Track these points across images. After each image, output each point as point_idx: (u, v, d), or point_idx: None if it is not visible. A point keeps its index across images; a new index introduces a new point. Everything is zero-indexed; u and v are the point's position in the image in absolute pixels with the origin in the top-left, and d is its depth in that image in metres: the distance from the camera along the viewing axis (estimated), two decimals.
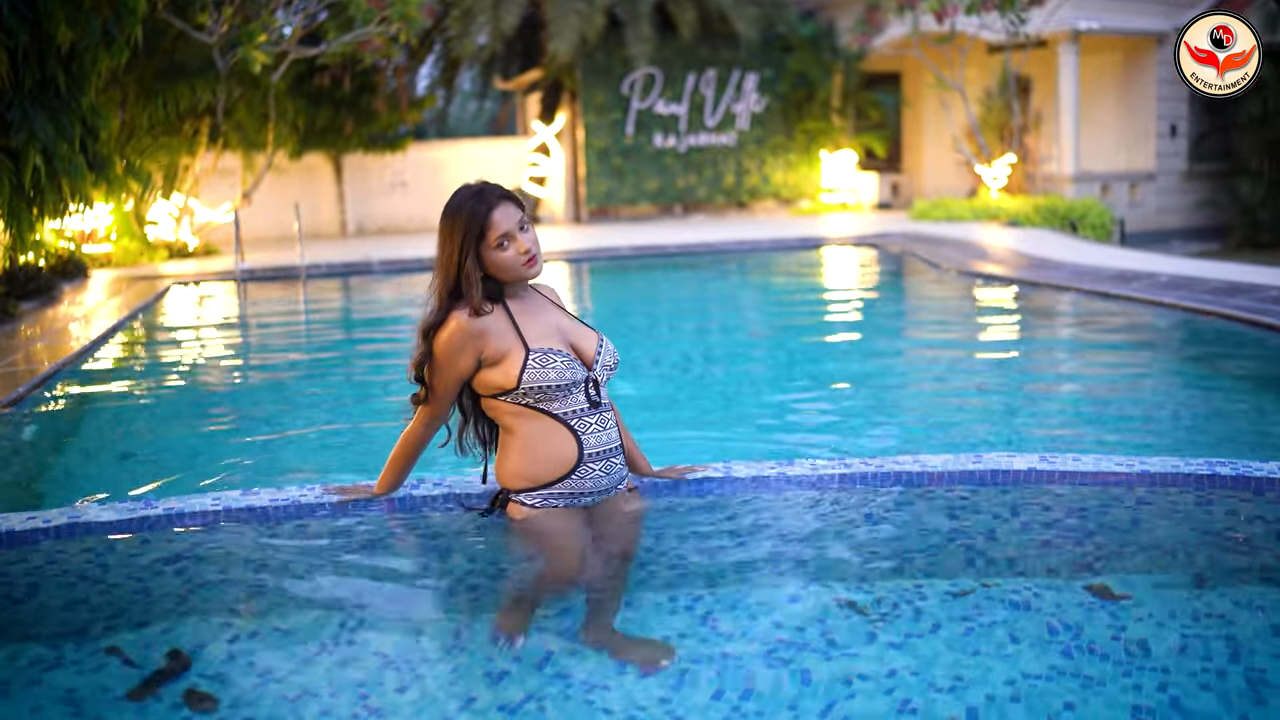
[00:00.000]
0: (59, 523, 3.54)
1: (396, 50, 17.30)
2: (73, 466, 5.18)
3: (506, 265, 3.26)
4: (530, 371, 3.23)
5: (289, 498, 3.67)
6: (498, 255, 3.25)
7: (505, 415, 3.29)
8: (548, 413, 3.27)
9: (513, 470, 3.30)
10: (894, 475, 3.74)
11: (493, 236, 3.23)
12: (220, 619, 3.01)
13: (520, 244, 3.25)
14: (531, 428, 3.28)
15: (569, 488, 3.30)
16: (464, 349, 3.25)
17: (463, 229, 3.25)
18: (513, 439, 3.29)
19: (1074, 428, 5.22)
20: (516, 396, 3.25)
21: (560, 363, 3.26)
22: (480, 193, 3.27)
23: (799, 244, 15.80)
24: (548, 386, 3.24)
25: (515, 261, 3.25)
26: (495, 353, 3.26)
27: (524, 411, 3.27)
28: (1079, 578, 3.12)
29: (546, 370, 3.24)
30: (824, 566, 3.20)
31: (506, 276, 3.28)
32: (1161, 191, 20.65)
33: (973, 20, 17.94)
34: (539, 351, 3.26)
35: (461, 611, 3.06)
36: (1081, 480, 3.69)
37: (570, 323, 3.44)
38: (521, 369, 3.23)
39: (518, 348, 3.27)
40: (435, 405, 3.35)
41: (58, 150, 8.43)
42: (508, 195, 3.31)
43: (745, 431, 5.46)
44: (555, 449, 3.29)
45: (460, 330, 3.25)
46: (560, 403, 3.28)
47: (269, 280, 13.68)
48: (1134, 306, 8.61)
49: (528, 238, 3.27)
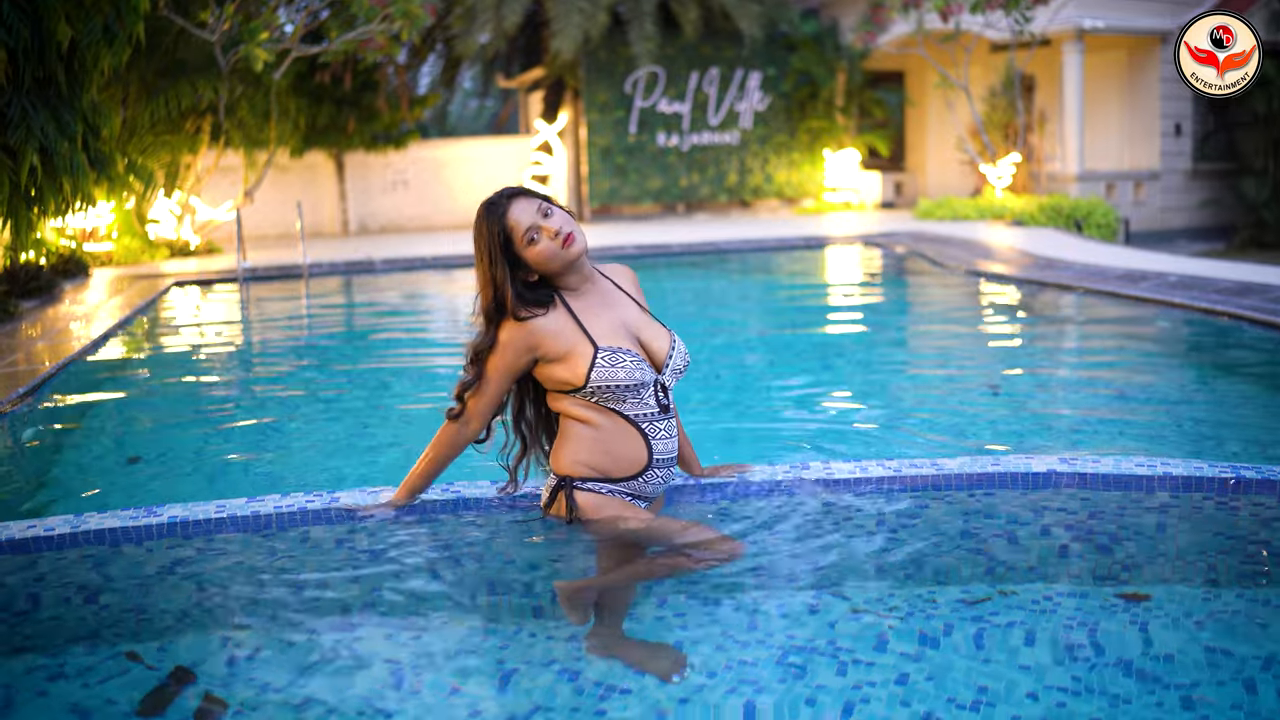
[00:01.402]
0: (61, 531, 3.47)
1: (398, 48, 17.22)
2: (74, 469, 5.11)
3: (547, 256, 3.18)
4: (599, 370, 3.17)
5: (294, 504, 3.61)
6: (533, 251, 3.18)
7: (575, 408, 3.24)
8: (619, 412, 3.22)
9: (582, 459, 3.23)
10: (911, 478, 3.67)
11: (518, 236, 3.17)
12: (226, 627, 2.94)
13: (548, 229, 3.18)
14: (605, 422, 3.22)
15: (632, 489, 3.27)
16: (520, 349, 3.20)
17: (488, 242, 3.19)
18: (584, 428, 3.23)
19: (1088, 429, 5.15)
20: (584, 394, 3.20)
21: (629, 362, 3.20)
22: (492, 203, 3.22)
23: (803, 243, 15.74)
24: (616, 386, 3.18)
25: (553, 249, 3.17)
26: (554, 351, 3.20)
27: (595, 408, 3.22)
28: (1102, 583, 3.05)
29: (615, 370, 3.18)
30: (839, 572, 3.13)
31: (555, 266, 3.20)
32: (1166, 191, 20.59)
33: (977, 19, 17.89)
34: (608, 350, 3.19)
35: (473, 616, 2.99)
36: (1102, 483, 3.63)
37: (642, 318, 3.37)
38: (590, 366, 3.17)
39: (583, 344, 3.20)
40: (477, 406, 3.29)
41: (58, 148, 8.36)
42: (519, 191, 3.24)
43: (754, 434, 5.40)
44: (629, 449, 3.24)
45: (511, 341, 3.19)
46: (630, 404, 3.23)
47: (271, 279, 13.62)
48: (1144, 307, 8.54)
49: (554, 220, 3.19)
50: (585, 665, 2.67)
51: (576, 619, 2.92)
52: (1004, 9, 17.15)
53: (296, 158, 20.23)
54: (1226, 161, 20.93)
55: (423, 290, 12.92)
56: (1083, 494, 3.57)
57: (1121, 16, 19.16)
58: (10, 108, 8.20)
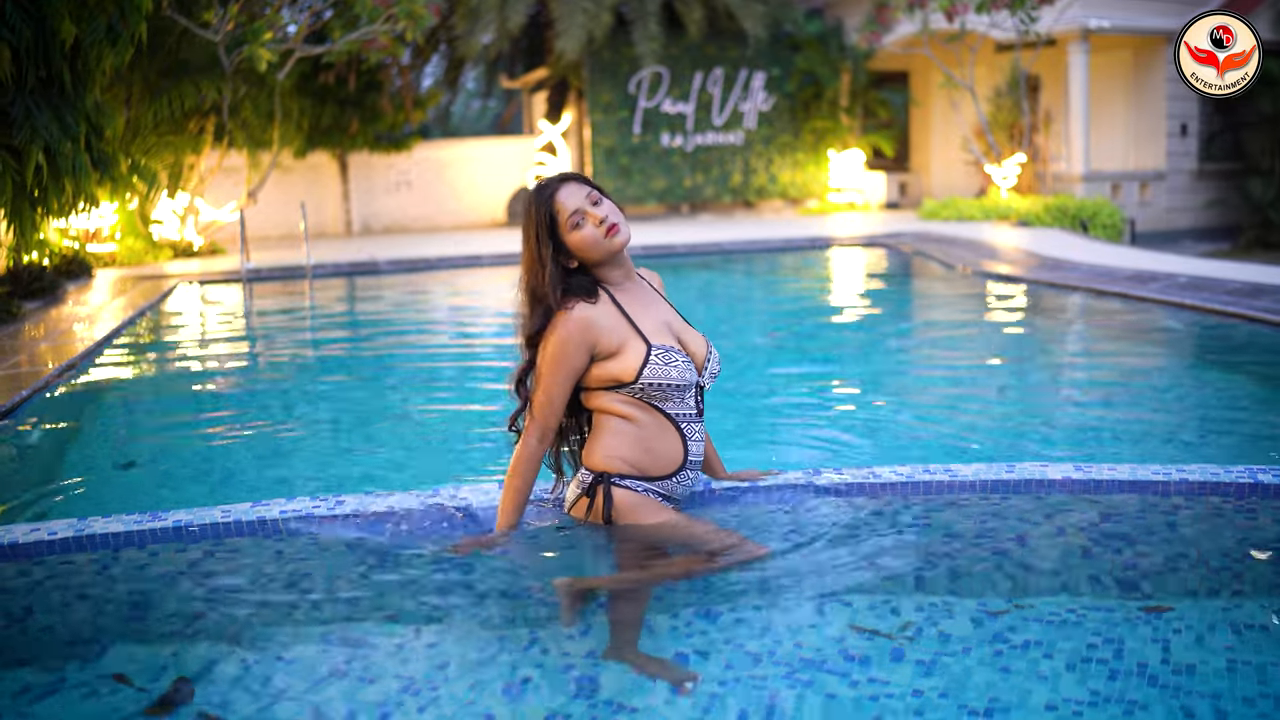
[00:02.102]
0: (65, 535, 3.43)
1: (402, 49, 17.19)
2: (77, 472, 5.07)
3: (590, 242, 3.14)
4: (652, 368, 3.14)
5: (301, 509, 3.56)
6: (576, 235, 3.14)
7: (616, 404, 3.19)
8: (661, 410, 3.19)
9: (623, 454, 3.19)
10: (924, 485, 3.62)
11: (564, 218, 3.13)
12: (231, 636, 2.89)
13: (594, 215, 3.14)
14: (647, 419, 3.19)
15: (665, 489, 3.24)
16: (580, 346, 3.14)
17: (534, 224, 3.15)
18: (625, 424, 3.19)
19: (1101, 433, 5.09)
20: (631, 390, 3.16)
21: (681, 363, 3.19)
22: (542, 185, 3.19)
23: (809, 244, 15.68)
24: (667, 385, 3.15)
25: (596, 236, 3.14)
26: (608, 346, 3.16)
27: (638, 404, 3.19)
28: (1120, 593, 3.00)
29: (669, 369, 3.16)
30: (850, 582, 3.07)
31: (595, 255, 3.17)
32: (1172, 191, 20.52)
33: (983, 19, 17.82)
34: (661, 349, 3.17)
35: (485, 627, 2.94)
36: (1118, 489, 3.58)
37: (680, 321, 3.35)
38: (643, 363, 3.14)
39: (635, 340, 3.17)
40: (547, 416, 3.20)
41: (61, 148, 8.32)
42: (571, 176, 3.21)
43: (764, 439, 5.35)
44: (668, 447, 3.22)
45: (572, 326, 3.12)
46: (673, 404, 3.20)
47: (275, 280, 13.57)
48: (1154, 308, 8.48)
49: (602, 209, 3.16)
50: (601, 670, 2.61)
51: (567, 619, 2.86)
52: (1009, 9, 17.09)
53: (300, 158, 20.20)
54: (1232, 161, 20.86)
55: (427, 291, 12.88)
56: (1096, 500, 3.52)
57: (1127, 16, 19.10)
58: (14, 107, 8.17)
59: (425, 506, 3.53)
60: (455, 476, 4.78)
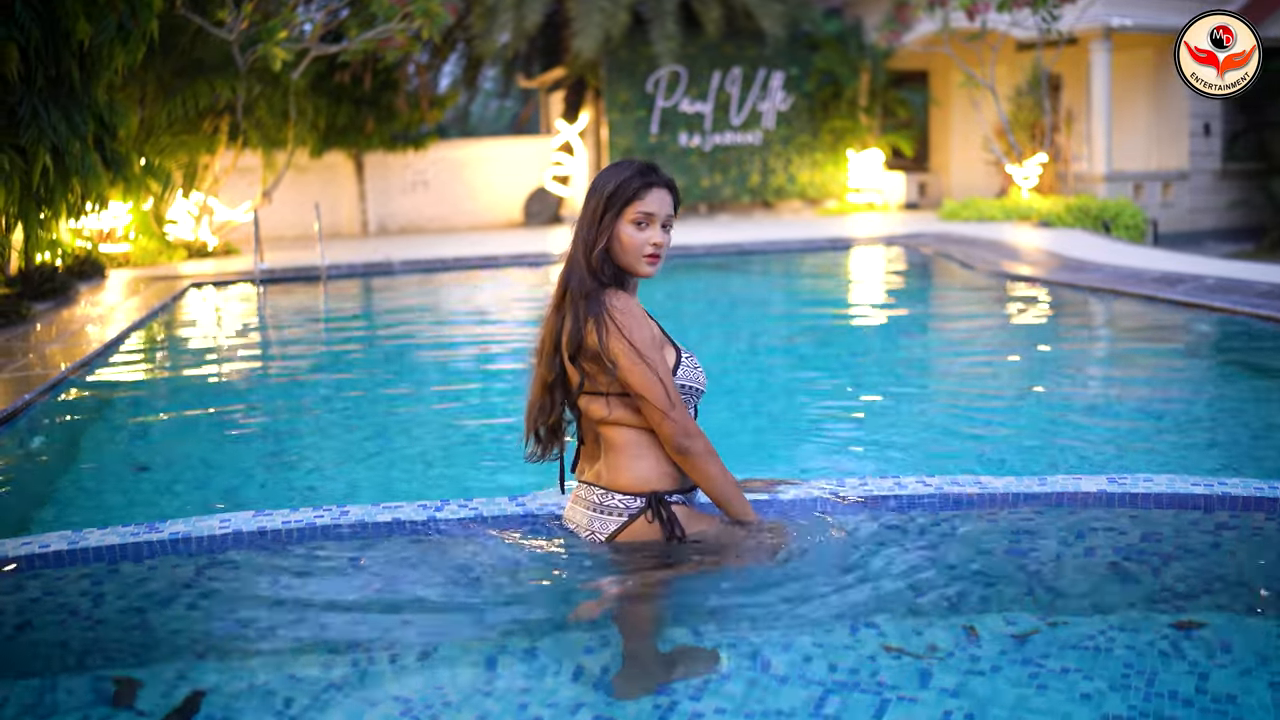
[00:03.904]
0: (58, 548, 3.31)
1: (419, 48, 17.09)
2: (81, 480, 4.95)
3: (633, 247, 3.02)
4: (684, 370, 3.04)
5: (303, 519, 3.44)
6: (629, 232, 3.01)
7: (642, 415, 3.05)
8: None
9: (666, 469, 3.06)
10: (954, 498, 3.47)
11: (637, 209, 3.01)
12: (230, 654, 2.76)
13: (656, 234, 3.03)
14: None
15: (687, 499, 3.15)
16: (646, 319, 3.03)
17: (615, 188, 3.01)
18: (653, 437, 3.05)
19: (1132, 443, 4.92)
20: None
21: (700, 368, 3.12)
22: (648, 167, 3.05)
23: (828, 245, 15.52)
24: (695, 388, 3.07)
25: (641, 248, 3.02)
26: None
27: None
28: (1156, 612, 2.84)
29: (697, 372, 3.09)
30: (877, 600, 2.92)
31: (625, 259, 3.04)
32: (1195, 191, 20.28)
33: (1004, 17, 17.64)
34: (688, 352, 3.10)
35: (491, 648, 2.79)
36: (1155, 503, 3.42)
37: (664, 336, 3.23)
38: (676, 365, 3.03)
39: (666, 344, 3.10)
40: (681, 405, 2.98)
41: (69, 148, 8.22)
42: (672, 184, 3.09)
43: (783, 447, 5.20)
44: None
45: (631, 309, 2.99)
46: (690, 411, 3.10)
47: (289, 281, 13.48)
48: (1182, 311, 8.29)
49: (665, 236, 3.05)
50: (617, 711, 2.47)
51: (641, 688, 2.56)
52: (1031, 7, 16.90)
53: (316, 158, 20.12)
54: (1256, 161, 20.60)
55: (442, 292, 12.75)
56: (1133, 514, 3.37)
57: (1150, 15, 18.87)
58: (21, 107, 8.07)
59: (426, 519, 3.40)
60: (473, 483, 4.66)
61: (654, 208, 3.02)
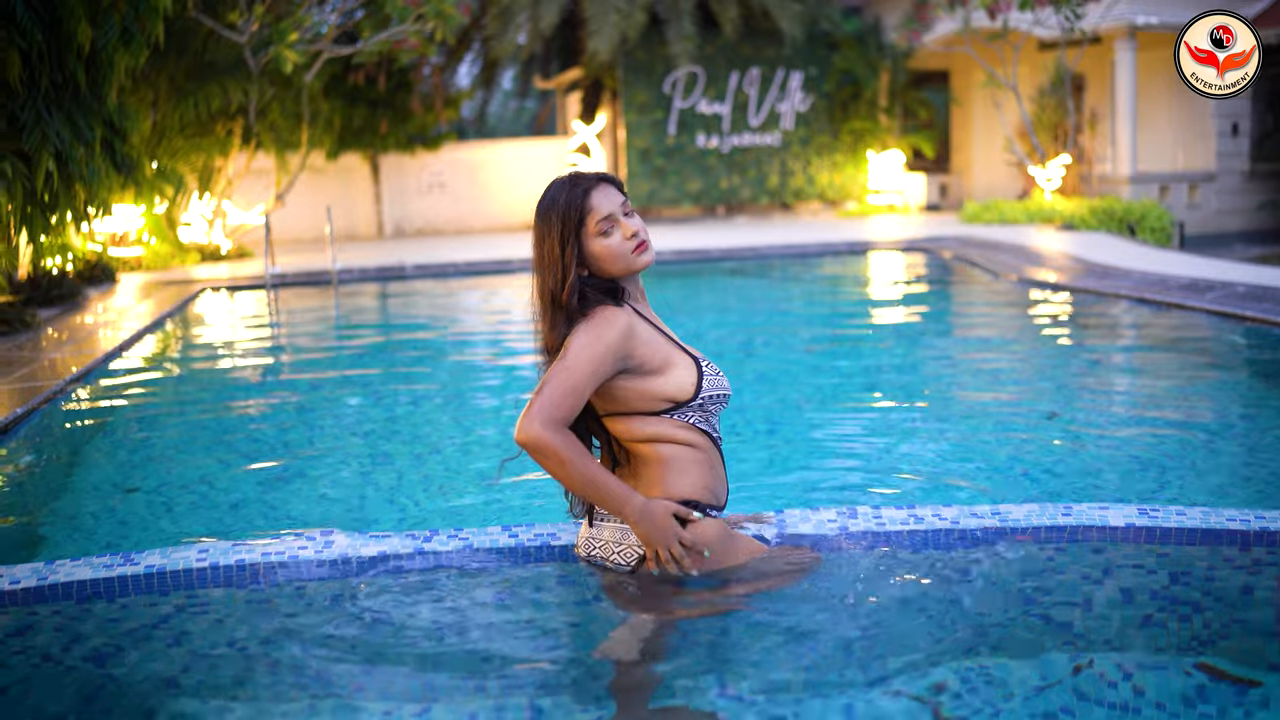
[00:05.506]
0: (28, 584, 3.14)
1: (433, 49, 16.95)
2: (71, 500, 4.79)
3: (614, 254, 2.84)
4: (708, 379, 2.87)
5: (284, 550, 3.26)
6: (602, 244, 2.83)
7: (673, 430, 2.88)
8: (709, 433, 2.93)
9: (704, 483, 2.90)
10: (973, 532, 3.27)
11: (593, 222, 2.82)
12: (208, 700, 2.58)
13: (626, 227, 2.84)
14: (704, 444, 2.91)
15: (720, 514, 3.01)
16: (617, 348, 2.78)
17: (559, 220, 2.82)
18: (689, 451, 2.88)
19: (1162, 468, 4.69)
20: (686, 411, 2.87)
21: (721, 373, 2.95)
22: (573, 179, 2.86)
23: (847, 248, 15.30)
24: (722, 395, 2.91)
25: (623, 249, 2.84)
26: (648, 360, 2.84)
27: (691, 427, 2.89)
28: (1187, 657, 2.63)
29: (719, 379, 2.91)
30: (887, 639, 2.72)
31: (615, 268, 2.86)
32: (1222, 193, 19.95)
33: (1026, 16, 17.41)
34: (705, 360, 2.92)
35: (484, 691, 2.60)
36: (1189, 539, 3.21)
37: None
38: (699, 377, 2.86)
39: (679, 355, 2.89)
40: (572, 406, 2.75)
41: (73, 153, 8.08)
42: (605, 177, 2.89)
43: (796, 465, 5.00)
44: (722, 472, 2.99)
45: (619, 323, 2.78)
46: (716, 421, 2.96)
47: (300, 285, 13.34)
48: (1212, 320, 8.03)
49: (635, 222, 2.86)
50: None
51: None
52: (1054, 6, 16.67)
53: (331, 160, 20.02)
54: None
55: (455, 297, 12.58)
56: (1164, 553, 3.16)
57: (1175, 13, 18.56)
58: (24, 112, 7.94)
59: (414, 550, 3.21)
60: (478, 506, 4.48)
61: (607, 207, 2.85)
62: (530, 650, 2.77)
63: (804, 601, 2.92)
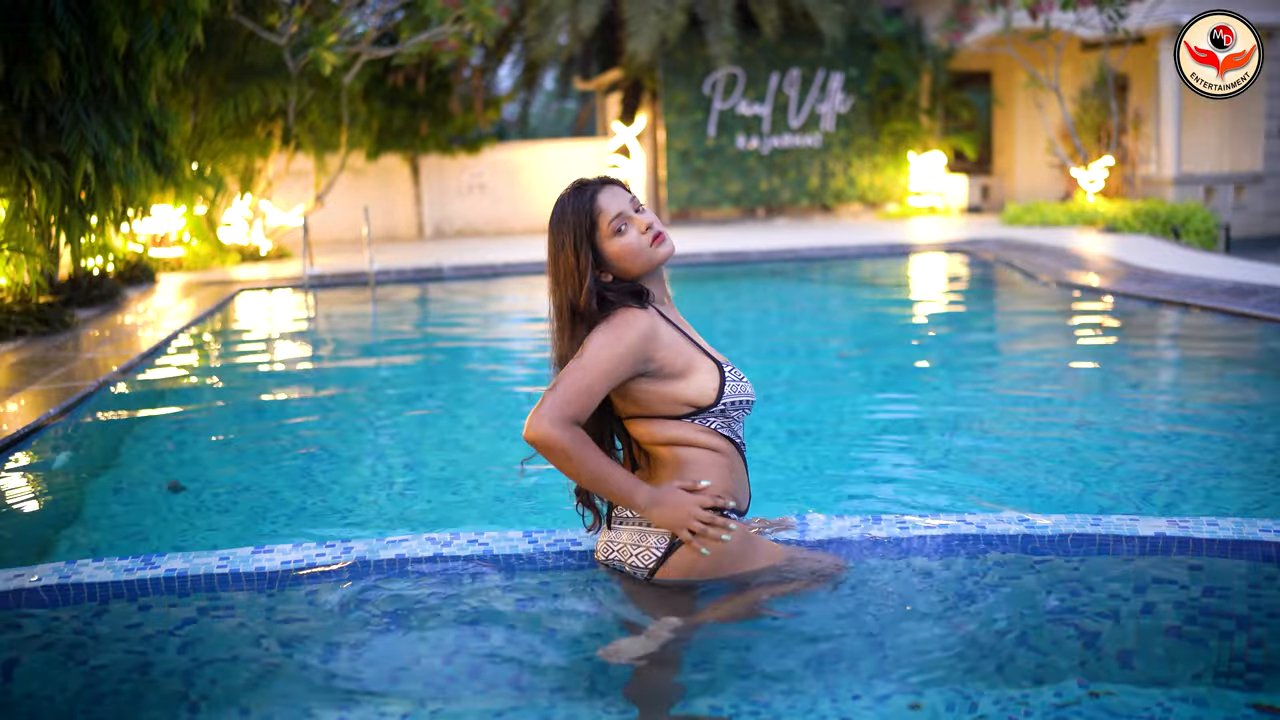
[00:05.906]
0: (49, 582, 3.15)
1: (472, 50, 16.98)
2: (104, 501, 4.81)
3: (633, 251, 2.82)
4: (731, 384, 2.84)
5: (304, 557, 3.25)
6: (618, 243, 2.82)
7: (695, 434, 2.85)
8: (732, 439, 2.89)
9: (722, 487, 2.87)
10: (1000, 539, 3.21)
11: (605, 223, 2.82)
12: (227, 706, 2.57)
13: (639, 222, 2.83)
14: (727, 448, 2.89)
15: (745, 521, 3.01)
16: (637, 350, 2.76)
17: (571, 230, 2.82)
18: (711, 455, 2.86)
19: (1197, 480, 4.60)
20: (708, 416, 2.83)
21: (745, 378, 2.92)
22: (578, 187, 2.87)
23: (887, 250, 15.20)
24: (745, 401, 2.87)
25: (640, 244, 2.83)
26: (669, 363, 2.81)
27: (713, 432, 2.86)
28: (1226, 683, 2.56)
29: (743, 384, 2.88)
30: (910, 657, 2.67)
31: (637, 265, 2.84)
32: (1269, 194, 19.64)
33: (1069, 16, 17.23)
34: (729, 365, 2.88)
35: (504, 699, 2.58)
36: (1221, 551, 3.14)
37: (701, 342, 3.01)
38: (721, 382, 2.83)
39: (701, 359, 2.86)
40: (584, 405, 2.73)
41: (111, 155, 8.15)
42: (609, 180, 2.89)
43: (827, 473, 4.95)
44: (744, 477, 2.96)
45: (640, 325, 2.76)
46: (738, 428, 2.92)
47: (338, 286, 13.40)
48: (1258, 326, 7.89)
49: (646, 216, 2.85)
50: None
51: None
52: (1097, 5, 16.48)
53: (371, 161, 20.12)
54: None
55: (493, 300, 12.59)
56: (1197, 565, 3.09)
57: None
58: (62, 115, 8.01)
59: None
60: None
61: (616, 207, 2.84)
62: (550, 656, 2.75)
63: (825, 608, 2.88)
